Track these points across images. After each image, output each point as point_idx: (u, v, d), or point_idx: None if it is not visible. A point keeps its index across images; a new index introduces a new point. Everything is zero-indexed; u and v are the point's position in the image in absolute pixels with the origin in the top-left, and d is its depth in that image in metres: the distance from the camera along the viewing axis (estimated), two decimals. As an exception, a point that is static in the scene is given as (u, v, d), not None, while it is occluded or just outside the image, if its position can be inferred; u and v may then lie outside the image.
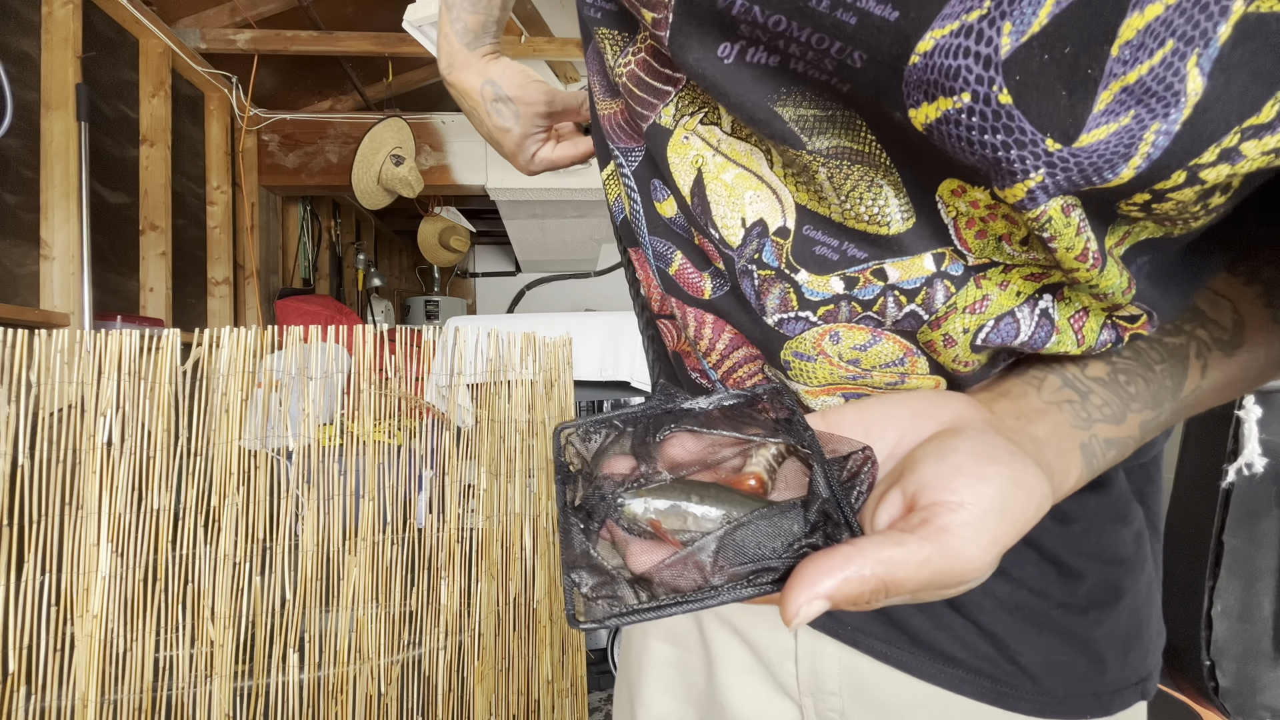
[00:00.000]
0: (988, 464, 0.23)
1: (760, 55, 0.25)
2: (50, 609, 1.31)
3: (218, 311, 3.18)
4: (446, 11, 0.53)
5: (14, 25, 2.05)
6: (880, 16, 0.20)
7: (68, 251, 2.16)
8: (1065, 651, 0.38)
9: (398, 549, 1.54)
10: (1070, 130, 0.20)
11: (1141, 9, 0.18)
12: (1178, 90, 0.19)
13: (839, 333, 0.30)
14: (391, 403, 1.60)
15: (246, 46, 3.01)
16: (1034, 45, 0.19)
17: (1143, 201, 0.22)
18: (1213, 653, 0.63)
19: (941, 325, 0.28)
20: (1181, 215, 0.22)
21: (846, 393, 0.33)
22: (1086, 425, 0.27)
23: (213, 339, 1.45)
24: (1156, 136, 0.20)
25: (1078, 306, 0.27)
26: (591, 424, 0.29)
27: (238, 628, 1.44)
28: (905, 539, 0.21)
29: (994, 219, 0.25)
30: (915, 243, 0.27)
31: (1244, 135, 0.19)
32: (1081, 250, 0.23)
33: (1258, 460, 0.58)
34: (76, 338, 1.36)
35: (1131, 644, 0.40)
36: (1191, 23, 0.18)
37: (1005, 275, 0.27)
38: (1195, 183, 0.20)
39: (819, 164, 0.26)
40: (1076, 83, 0.20)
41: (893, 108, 0.23)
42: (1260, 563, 0.62)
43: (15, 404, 1.28)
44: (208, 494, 1.44)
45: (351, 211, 4.78)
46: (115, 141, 2.53)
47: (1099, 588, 0.39)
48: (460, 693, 1.58)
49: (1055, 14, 0.19)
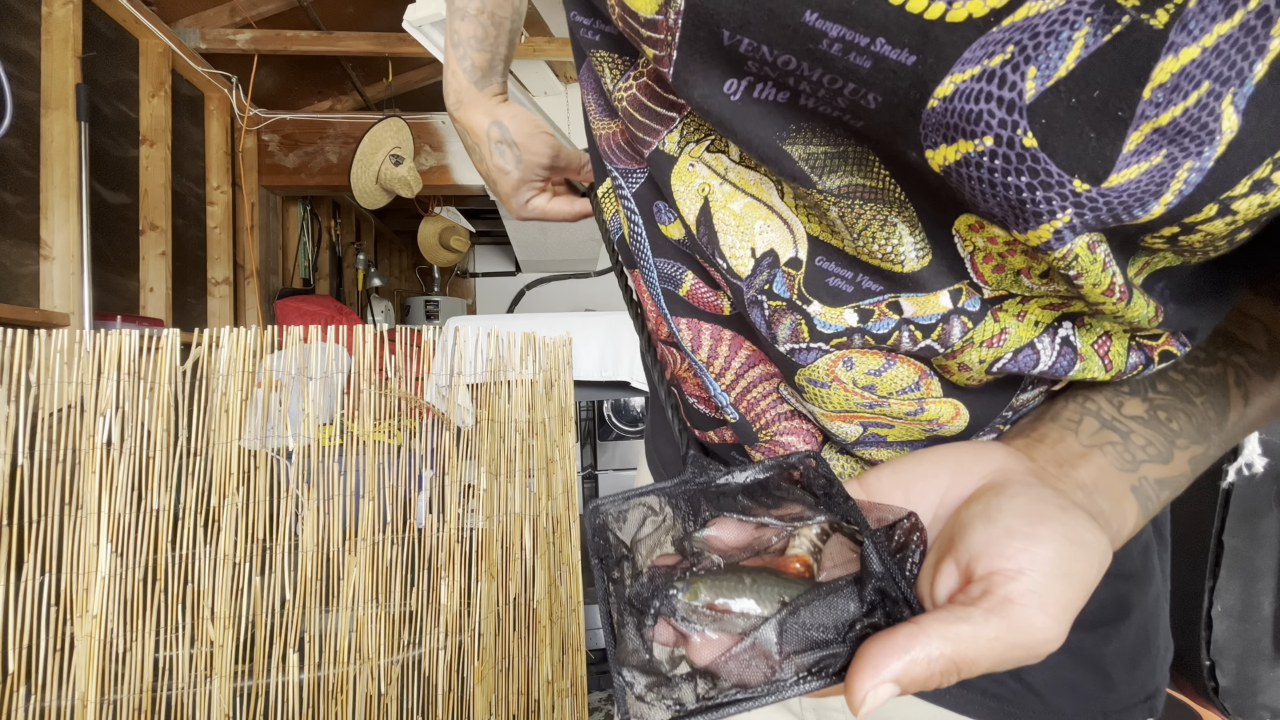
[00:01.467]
0: (1039, 523, 0.22)
1: (769, 91, 0.24)
2: (50, 609, 1.31)
3: (218, 311, 3.18)
4: (453, 49, 0.54)
5: (14, 25, 2.05)
6: (897, 61, 0.20)
7: (68, 251, 2.16)
8: (1073, 670, 0.37)
9: (398, 549, 1.54)
10: (1099, 171, 0.20)
11: (1176, 53, 0.18)
12: (1212, 129, 0.18)
13: (852, 359, 0.29)
14: (391, 403, 1.60)
15: (246, 46, 3.01)
16: (1060, 89, 0.19)
17: (1170, 235, 0.21)
18: (1213, 653, 0.63)
19: (957, 357, 0.28)
20: (1205, 248, 0.22)
21: (865, 421, 0.32)
22: (1134, 467, 0.26)
23: (213, 339, 1.45)
24: (1189, 174, 0.19)
25: (1100, 332, 0.26)
26: (626, 502, 0.28)
27: (238, 628, 1.44)
28: (970, 613, 0.20)
29: (1013, 254, 0.25)
30: (932, 279, 0.26)
31: (1275, 166, 0.19)
32: (1108, 285, 0.23)
33: (1258, 460, 0.58)
34: (76, 338, 1.36)
35: (1139, 659, 0.39)
36: (1228, 64, 0.18)
37: (1023, 306, 0.26)
38: (1227, 214, 0.20)
39: (830, 203, 0.26)
40: (1105, 125, 0.19)
41: (909, 148, 0.22)
42: (1260, 563, 0.62)
43: (15, 404, 1.28)
44: (207, 494, 1.44)
45: (351, 211, 4.78)
46: (115, 141, 2.53)
47: (1108, 603, 0.38)
48: (460, 693, 1.58)
49: (1083, 58, 0.18)
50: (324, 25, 3.21)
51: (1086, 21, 0.18)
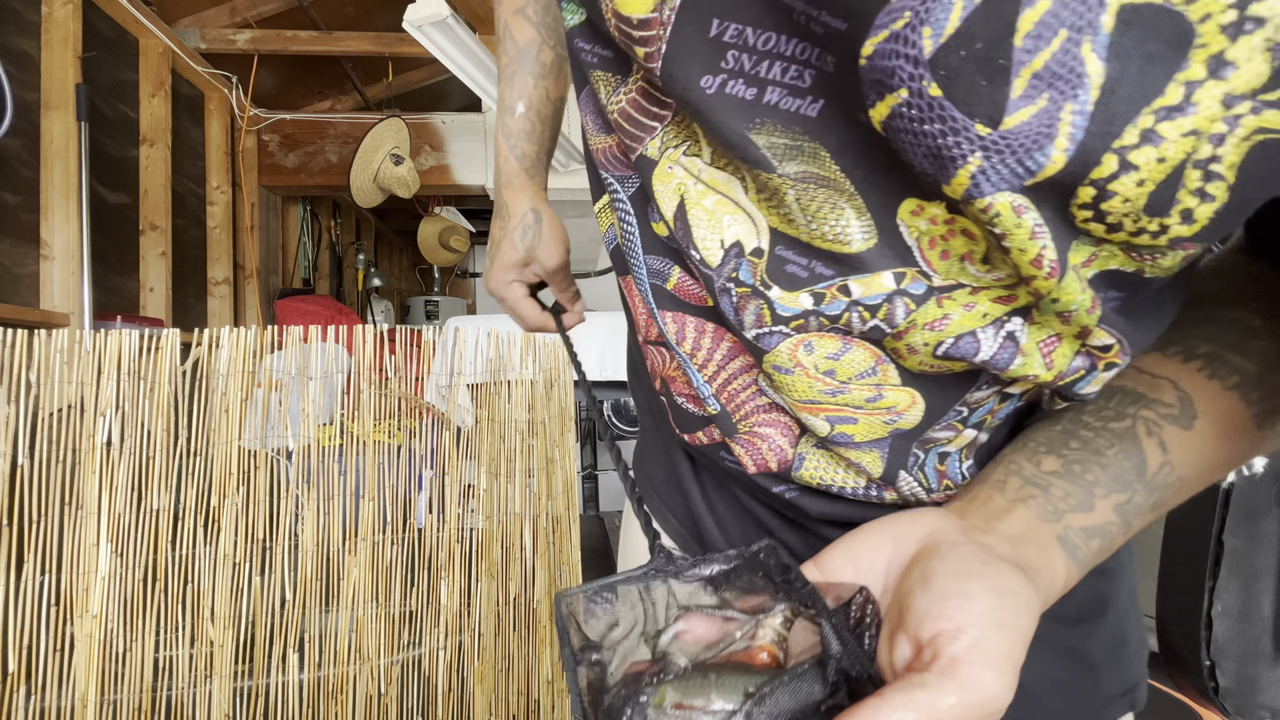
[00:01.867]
0: (968, 580, 0.23)
1: (739, 87, 0.28)
2: (50, 609, 1.31)
3: (218, 311, 3.18)
4: (505, 139, 0.59)
5: (14, 25, 2.05)
6: (835, 28, 0.24)
7: (68, 251, 2.16)
8: (1062, 666, 0.38)
9: (398, 549, 1.54)
10: (995, 114, 0.22)
11: (1033, 5, 0.21)
12: (1081, 74, 0.21)
13: (811, 342, 0.32)
14: (391, 403, 1.60)
15: (246, 46, 3.01)
16: (951, 44, 0.22)
17: (1091, 200, 0.23)
18: (1213, 653, 0.63)
19: (904, 338, 0.30)
20: (1136, 231, 0.23)
21: (830, 416, 0.33)
22: (1057, 518, 0.27)
23: (212, 339, 1.45)
24: (1073, 116, 0.21)
25: (1049, 332, 0.28)
26: (595, 595, 0.29)
27: (238, 628, 1.44)
28: (925, 679, 0.21)
29: (953, 236, 0.27)
30: (876, 260, 0.29)
31: (1157, 117, 0.21)
32: (1036, 255, 0.24)
33: (1258, 460, 0.58)
34: (76, 338, 1.36)
35: (1119, 653, 0.40)
36: (1076, 14, 0.20)
37: (973, 297, 0.28)
38: (1129, 169, 0.22)
39: (788, 187, 0.29)
40: (992, 73, 0.22)
41: (859, 110, 0.25)
42: (1260, 563, 0.62)
43: (15, 404, 1.28)
44: (207, 494, 1.44)
45: (351, 211, 4.78)
46: (115, 141, 2.53)
47: (1088, 599, 0.39)
48: (460, 693, 1.58)
49: (964, 16, 0.21)
50: (324, 25, 3.21)
51: None
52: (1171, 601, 0.65)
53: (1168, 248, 0.24)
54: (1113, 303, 0.27)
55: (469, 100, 3.99)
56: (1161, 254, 0.24)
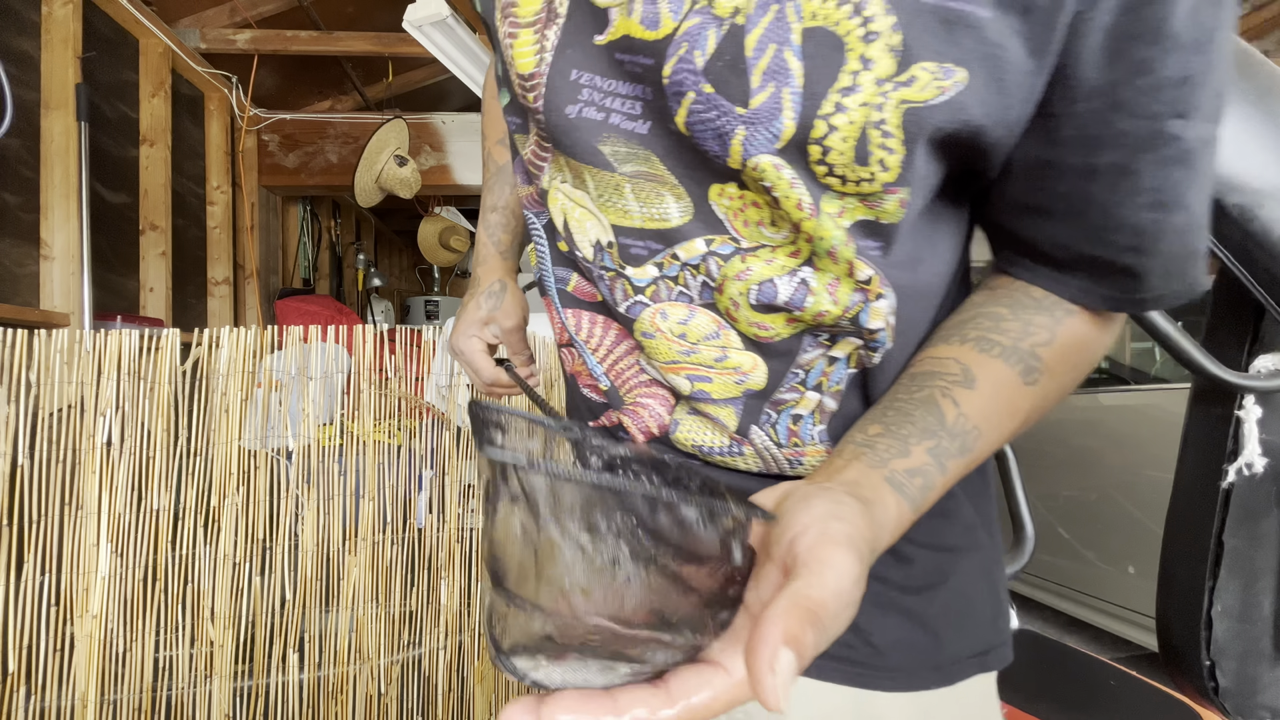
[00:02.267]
0: (811, 498, 0.29)
1: (591, 112, 0.38)
2: (50, 609, 1.31)
3: (218, 311, 3.18)
4: (484, 230, 0.70)
5: (14, 25, 2.05)
6: (646, 64, 0.35)
7: (68, 251, 2.16)
8: (908, 628, 0.44)
9: (398, 549, 1.54)
10: (745, 98, 0.33)
11: (752, 31, 0.32)
12: (788, 69, 0.32)
13: (665, 310, 0.42)
14: (391, 403, 1.60)
15: (246, 46, 3.01)
16: (713, 59, 0.33)
17: (820, 157, 0.33)
18: (1213, 653, 0.63)
19: (724, 290, 0.40)
20: (856, 180, 0.34)
21: (689, 374, 0.43)
22: (882, 464, 0.34)
23: (213, 339, 1.45)
24: (791, 96, 0.32)
25: (831, 277, 0.38)
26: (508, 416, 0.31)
27: (238, 628, 1.44)
28: (797, 572, 0.25)
29: (748, 208, 0.38)
30: (691, 230, 0.39)
31: (841, 94, 0.32)
32: (797, 200, 0.35)
33: (1258, 460, 0.58)
34: (76, 338, 1.36)
35: (964, 620, 0.46)
36: (778, 34, 0.32)
37: (772, 254, 0.38)
38: (833, 130, 0.32)
39: (626, 183, 0.39)
40: (739, 74, 0.33)
41: (670, 121, 0.36)
42: (1260, 563, 0.62)
43: (15, 404, 1.28)
44: (207, 494, 1.44)
45: (351, 211, 4.78)
46: (115, 141, 2.53)
47: (930, 571, 0.45)
48: (460, 693, 1.58)
49: (717, 41, 0.33)
50: (324, 25, 3.21)
51: (715, 25, 0.33)
52: (1171, 601, 0.65)
53: (883, 193, 0.34)
54: (873, 251, 0.37)
55: (469, 100, 3.99)
56: (881, 199, 0.35)
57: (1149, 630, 2.18)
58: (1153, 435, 2.23)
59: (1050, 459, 2.64)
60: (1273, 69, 0.55)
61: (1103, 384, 3.01)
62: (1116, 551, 2.34)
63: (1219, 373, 0.56)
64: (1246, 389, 0.56)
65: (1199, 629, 0.62)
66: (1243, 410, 0.58)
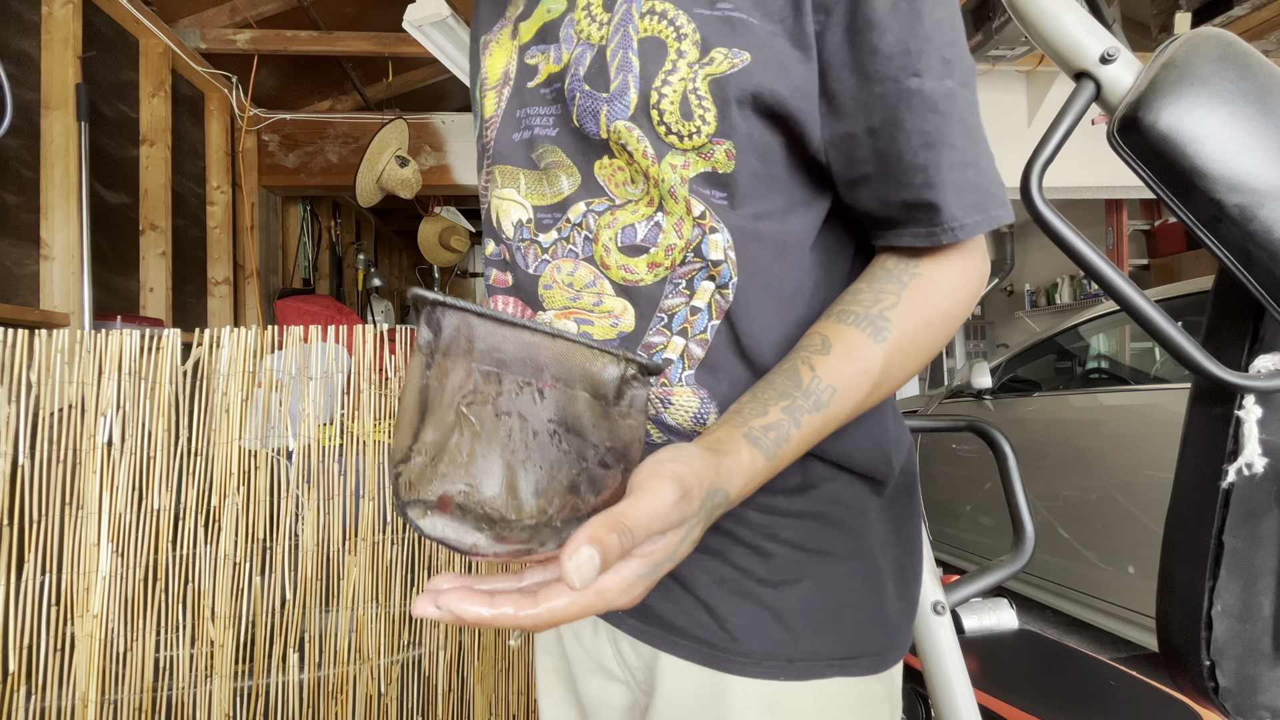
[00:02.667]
0: (661, 451, 0.35)
1: (526, 134, 0.53)
2: (50, 609, 1.31)
3: (218, 311, 3.18)
4: None
5: (14, 25, 2.05)
6: (557, 87, 0.50)
7: (68, 251, 2.16)
8: (762, 619, 0.48)
9: (398, 549, 1.54)
10: (608, 87, 0.46)
11: (611, 44, 0.47)
12: (632, 64, 0.46)
13: (560, 265, 0.52)
14: (391, 403, 1.60)
15: (246, 46, 3.01)
16: (590, 67, 0.48)
17: (659, 119, 0.45)
18: (1213, 653, 0.63)
19: (599, 240, 0.50)
20: (689, 134, 0.45)
21: (577, 318, 0.51)
22: (744, 424, 0.40)
23: (213, 339, 1.45)
24: (634, 79, 0.46)
25: (675, 218, 0.48)
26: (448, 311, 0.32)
27: (238, 628, 1.44)
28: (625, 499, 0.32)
29: (617, 172, 0.49)
30: (578, 196, 0.51)
31: (666, 74, 0.45)
32: (643, 150, 0.46)
33: (1258, 460, 0.58)
34: (77, 338, 1.36)
35: (828, 621, 0.49)
36: (624, 44, 0.46)
37: (635, 206, 0.49)
38: (663, 96, 0.45)
39: (543, 174, 0.52)
40: (603, 71, 0.47)
41: (570, 120, 0.50)
42: (1260, 563, 0.62)
43: (15, 404, 1.28)
44: (208, 494, 1.44)
45: (351, 211, 4.78)
46: (115, 141, 2.53)
47: (788, 566, 0.49)
48: (460, 693, 1.58)
49: (591, 57, 0.48)
50: (324, 25, 3.21)
51: (590, 49, 0.47)
52: (1171, 601, 0.65)
53: (710, 144, 0.45)
54: (719, 199, 0.47)
55: (469, 100, 3.99)
56: (711, 150, 0.46)
57: (1149, 630, 2.18)
58: (1153, 435, 2.23)
59: (1050, 459, 2.64)
60: (1273, 69, 0.55)
61: (1103, 384, 3.01)
62: (1116, 551, 2.34)
63: (1219, 373, 0.56)
64: (1246, 389, 0.56)
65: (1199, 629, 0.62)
66: (1243, 410, 0.58)
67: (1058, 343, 3.02)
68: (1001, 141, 3.72)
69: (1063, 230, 0.57)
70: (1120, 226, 5.23)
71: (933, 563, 0.80)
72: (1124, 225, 5.24)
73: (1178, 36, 0.57)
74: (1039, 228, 0.57)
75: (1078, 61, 0.60)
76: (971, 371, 2.98)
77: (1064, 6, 0.60)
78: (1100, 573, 2.41)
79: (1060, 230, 0.58)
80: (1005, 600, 0.90)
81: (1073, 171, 3.93)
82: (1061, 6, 0.60)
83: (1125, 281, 0.57)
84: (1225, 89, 0.53)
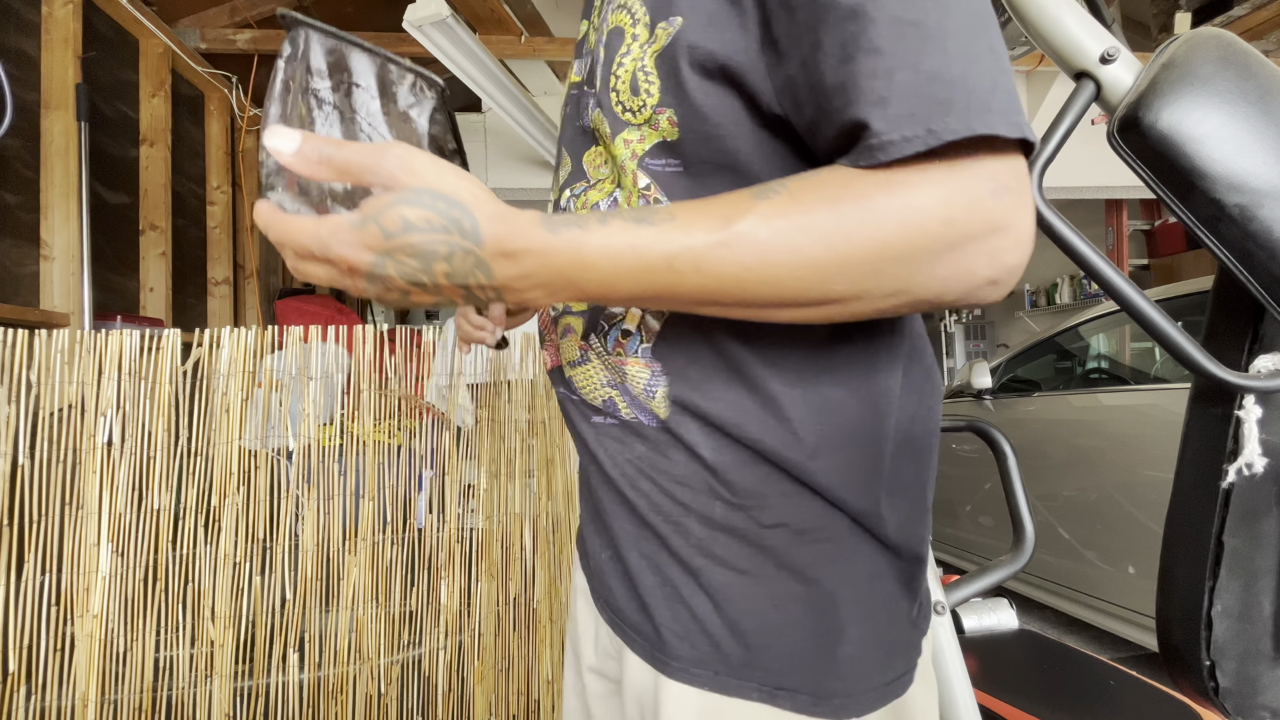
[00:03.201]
0: None
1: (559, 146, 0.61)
2: (50, 609, 1.31)
3: (218, 311, 3.18)
4: None
5: (14, 25, 2.05)
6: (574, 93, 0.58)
7: (68, 251, 2.16)
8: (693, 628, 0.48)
9: (398, 549, 1.54)
10: (595, 85, 0.51)
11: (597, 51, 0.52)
12: (601, 55, 0.50)
13: None
14: (391, 403, 1.60)
15: (246, 46, 3.01)
16: (588, 74, 0.55)
17: (617, 100, 0.48)
18: (1213, 653, 0.63)
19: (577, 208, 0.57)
20: (638, 109, 0.47)
21: None
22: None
23: (213, 339, 1.45)
24: (601, 68, 0.50)
25: (627, 193, 0.50)
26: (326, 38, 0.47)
27: (238, 628, 1.44)
28: None
29: (598, 157, 0.54)
30: (567, 183, 0.57)
31: (620, 57, 0.48)
32: (607, 131, 0.50)
33: (1258, 460, 0.58)
34: (77, 338, 1.36)
35: (755, 647, 0.47)
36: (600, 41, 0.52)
37: (602, 184, 0.53)
38: (617, 78, 0.48)
39: (557, 171, 0.60)
40: (595, 74, 0.51)
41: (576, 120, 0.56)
42: (1260, 563, 0.62)
43: (15, 404, 1.28)
44: (208, 494, 1.44)
45: (351, 211, 4.78)
46: (115, 141, 2.53)
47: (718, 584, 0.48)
48: (460, 693, 1.58)
49: (590, 64, 0.54)
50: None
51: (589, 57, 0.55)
52: (1171, 601, 0.65)
53: (655, 114, 0.47)
54: (672, 168, 0.48)
55: (469, 100, 3.99)
56: (657, 119, 0.47)
57: (1149, 630, 2.18)
58: (1153, 435, 2.23)
59: (1050, 459, 2.64)
60: (1273, 69, 0.55)
61: (1103, 384, 3.01)
62: (1116, 551, 2.34)
63: (1219, 373, 0.56)
64: (1246, 389, 0.56)
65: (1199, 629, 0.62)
66: (1243, 410, 0.58)
67: (1058, 343, 3.02)
68: (1001, 141, 3.75)
69: (1063, 230, 0.57)
70: (1120, 226, 5.23)
71: (932, 563, 0.80)
72: (1124, 225, 5.24)
73: (1178, 36, 0.57)
74: (1039, 228, 0.57)
75: (1078, 61, 0.60)
76: (971, 371, 2.98)
77: (1064, 6, 0.60)
78: (1100, 573, 2.41)
79: (1060, 230, 0.58)
80: (1005, 600, 0.90)
81: (1073, 171, 3.93)
82: (1061, 6, 0.60)
83: (1125, 281, 0.57)
84: (1225, 89, 0.53)
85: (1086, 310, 2.82)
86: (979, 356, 7.11)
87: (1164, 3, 3.27)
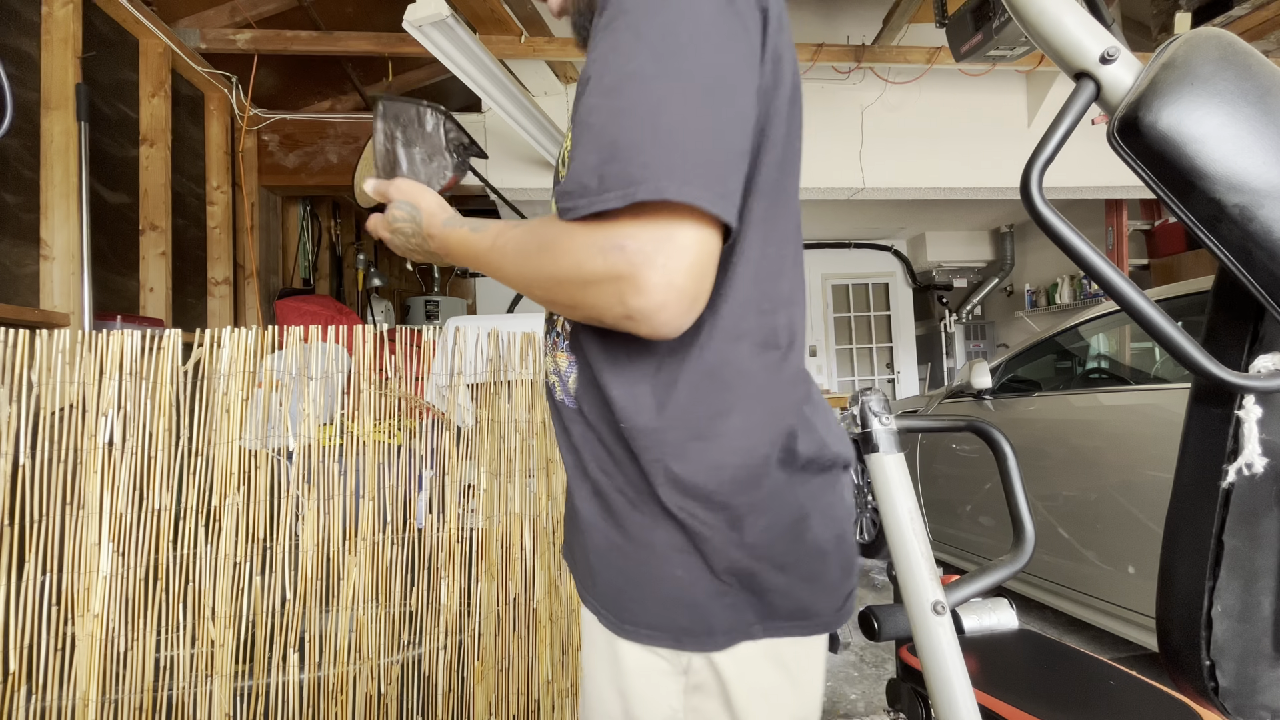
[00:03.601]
0: None
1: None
2: (51, 609, 1.31)
3: (218, 311, 3.18)
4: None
5: (14, 25, 2.05)
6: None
7: (68, 251, 2.16)
8: (588, 579, 0.64)
9: (398, 549, 1.54)
10: None
11: None
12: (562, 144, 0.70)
13: None
14: (391, 403, 1.60)
15: (246, 46, 3.01)
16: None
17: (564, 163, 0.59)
18: (1213, 653, 0.63)
19: None
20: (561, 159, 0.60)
21: None
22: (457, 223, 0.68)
23: (213, 339, 1.45)
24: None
25: None
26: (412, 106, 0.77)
27: (238, 628, 1.44)
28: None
29: None
30: None
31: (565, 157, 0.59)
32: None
33: (1258, 460, 0.58)
34: (77, 338, 1.36)
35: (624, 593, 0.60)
36: None
37: None
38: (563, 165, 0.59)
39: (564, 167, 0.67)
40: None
41: None
42: (1260, 563, 0.62)
43: (16, 404, 1.28)
44: (208, 494, 1.44)
45: (351, 211, 4.78)
46: (115, 141, 2.53)
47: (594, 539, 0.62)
48: (460, 693, 1.58)
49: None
50: (324, 25, 3.21)
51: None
52: (1171, 601, 0.65)
53: (561, 168, 0.61)
54: None
55: (469, 100, 3.99)
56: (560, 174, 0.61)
57: (1149, 630, 2.18)
58: (1153, 435, 2.23)
59: (1050, 459, 2.64)
60: (1273, 69, 0.55)
61: (1103, 384, 3.01)
62: (1116, 551, 2.34)
63: (1219, 373, 0.56)
64: (1246, 389, 0.56)
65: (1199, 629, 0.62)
66: (1243, 410, 0.58)
67: (1058, 343, 3.02)
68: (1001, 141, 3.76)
69: (1063, 230, 0.57)
70: (1120, 226, 5.23)
71: (932, 563, 0.80)
72: (1124, 225, 5.24)
73: (1178, 36, 0.57)
74: (1039, 227, 0.57)
75: (1078, 61, 0.60)
76: (971, 371, 2.98)
77: (1064, 6, 0.60)
78: (1100, 573, 2.41)
79: (1060, 230, 0.58)
80: (1005, 600, 0.90)
81: (1073, 171, 3.93)
82: (1061, 6, 0.60)
83: (1125, 281, 0.57)
84: (1225, 89, 0.53)
85: (1086, 310, 2.82)
86: (979, 356, 7.11)
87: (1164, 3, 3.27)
